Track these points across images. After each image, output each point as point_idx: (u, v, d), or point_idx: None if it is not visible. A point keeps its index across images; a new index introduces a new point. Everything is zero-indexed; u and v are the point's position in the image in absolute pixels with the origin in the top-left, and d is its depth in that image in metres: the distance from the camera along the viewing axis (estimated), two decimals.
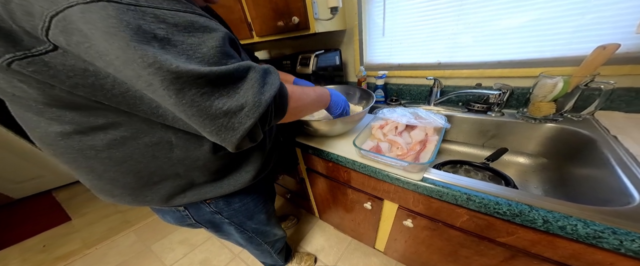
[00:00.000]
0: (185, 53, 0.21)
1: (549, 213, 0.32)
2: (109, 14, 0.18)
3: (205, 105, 0.22)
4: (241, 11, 0.78)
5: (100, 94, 0.23)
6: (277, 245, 0.70)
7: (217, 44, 0.23)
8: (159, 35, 0.20)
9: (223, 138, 0.24)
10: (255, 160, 0.41)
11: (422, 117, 0.56)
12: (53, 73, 0.20)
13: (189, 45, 0.21)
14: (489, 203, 0.36)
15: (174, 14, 0.21)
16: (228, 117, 0.23)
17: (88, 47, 0.19)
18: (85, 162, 0.28)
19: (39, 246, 1.19)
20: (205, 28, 0.23)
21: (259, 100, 0.25)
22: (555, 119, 0.54)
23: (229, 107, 0.23)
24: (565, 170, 0.51)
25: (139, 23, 0.19)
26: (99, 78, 0.21)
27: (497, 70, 0.63)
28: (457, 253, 0.53)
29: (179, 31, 0.21)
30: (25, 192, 1.57)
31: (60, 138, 0.26)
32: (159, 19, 0.20)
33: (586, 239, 0.30)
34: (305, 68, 0.79)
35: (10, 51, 0.19)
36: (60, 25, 0.18)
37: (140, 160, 0.29)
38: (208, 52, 0.22)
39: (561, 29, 0.52)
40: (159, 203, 0.35)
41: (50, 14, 0.18)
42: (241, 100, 0.24)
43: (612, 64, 0.48)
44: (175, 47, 0.20)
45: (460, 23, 0.64)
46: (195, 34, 0.22)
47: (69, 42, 0.19)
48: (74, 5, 0.17)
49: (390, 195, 0.54)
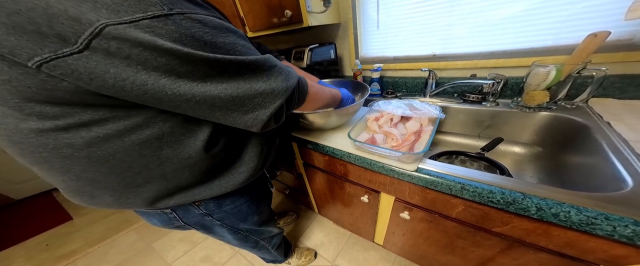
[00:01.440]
0: (228, 53, 0.25)
1: (542, 201, 0.32)
2: (171, 29, 0.21)
3: (247, 86, 0.27)
4: (233, 6, 0.78)
5: (123, 94, 0.23)
6: (274, 241, 0.70)
7: (244, 41, 0.27)
8: (207, 40, 0.23)
9: (256, 115, 0.29)
10: (250, 161, 0.40)
11: (417, 108, 0.56)
12: (77, 75, 0.21)
13: (228, 44, 0.25)
14: (482, 192, 0.36)
15: (210, 19, 0.24)
16: (262, 97, 0.28)
17: (142, 50, 0.20)
18: (60, 161, 0.26)
19: (42, 245, 1.21)
20: (229, 28, 0.26)
21: (286, 85, 0.30)
22: (549, 107, 0.54)
23: (264, 89, 0.28)
24: (560, 158, 0.51)
25: (192, 32, 0.22)
26: (118, 81, 0.22)
27: (491, 60, 0.63)
28: (454, 244, 0.53)
29: (218, 33, 0.24)
30: (25, 193, 1.58)
31: (33, 136, 0.24)
32: (203, 23, 0.23)
33: (580, 226, 0.30)
34: (300, 63, 0.79)
35: (38, 53, 0.19)
36: (114, 33, 0.19)
37: (125, 159, 0.28)
38: (242, 49, 0.26)
39: (552, 19, 0.52)
40: (143, 206, 0.33)
41: (108, 23, 0.19)
42: (273, 84, 0.29)
43: (604, 52, 0.48)
44: (220, 49, 0.24)
45: (453, 14, 0.63)
46: (228, 35, 0.26)
47: (120, 46, 0.20)
48: (140, 20, 0.20)
49: (386, 187, 0.55)
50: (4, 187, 1.49)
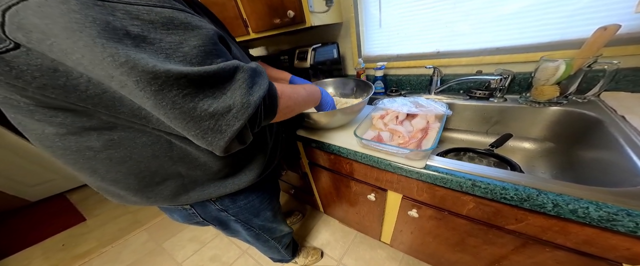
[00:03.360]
0: (164, 52, 0.19)
1: (559, 197, 0.31)
2: (71, 9, 0.16)
3: (189, 106, 0.21)
4: (235, 8, 0.79)
5: (74, 96, 0.21)
6: (284, 241, 0.71)
7: (200, 42, 0.21)
8: (133, 32, 0.18)
9: (210, 141, 0.23)
10: (259, 159, 0.41)
11: (423, 105, 0.55)
12: (16, 73, 0.18)
13: (168, 43, 0.20)
14: (495, 189, 0.36)
15: (149, 10, 0.19)
16: (214, 119, 0.22)
17: (51, 45, 0.17)
18: (86, 162, 0.27)
19: (59, 246, 1.25)
20: (186, 25, 0.21)
21: (248, 101, 0.24)
22: (560, 102, 0.53)
23: (215, 108, 0.22)
24: (573, 153, 0.50)
25: (107, 19, 0.17)
26: (71, 79, 0.19)
27: (497, 56, 0.62)
28: (465, 242, 0.53)
29: (156, 28, 0.19)
30: (40, 195, 1.63)
31: (57, 140, 0.25)
32: (132, 15, 0.18)
33: (600, 222, 0.29)
34: (303, 63, 0.79)
35: None
36: (15, 21, 0.16)
37: (140, 160, 0.29)
38: (190, 51, 0.21)
39: (559, 13, 0.51)
40: (164, 203, 0.35)
41: (2, 8, 0.16)
42: (228, 101, 0.23)
43: (615, 45, 0.47)
44: (151, 45, 0.19)
45: (456, 11, 0.63)
46: (175, 32, 0.20)
47: (29, 39, 0.17)
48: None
49: (393, 185, 0.54)
50: (20, 190, 1.54)
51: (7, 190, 1.50)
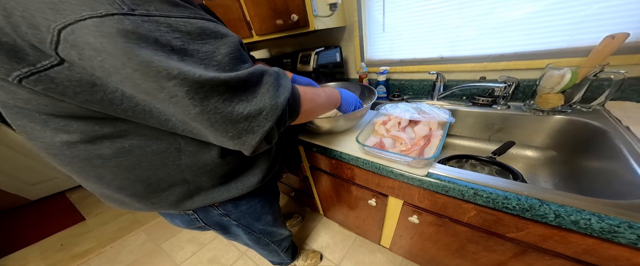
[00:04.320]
0: (203, 62, 0.21)
1: (561, 208, 0.31)
2: (127, 29, 0.17)
3: (227, 111, 0.23)
4: (239, 10, 0.79)
5: (111, 109, 0.22)
6: (283, 244, 0.71)
7: (229, 50, 0.23)
8: (176, 46, 0.20)
9: (243, 141, 0.25)
10: (262, 163, 0.41)
11: (426, 111, 0.55)
12: (61, 89, 0.20)
13: (204, 53, 0.21)
14: (497, 198, 0.36)
15: (186, 22, 0.21)
16: (248, 121, 0.24)
17: (102, 61, 0.18)
18: (93, 170, 0.27)
19: (57, 245, 1.24)
20: (216, 34, 0.23)
21: (276, 103, 0.26)
22: (564, 111, 0.53)
23: (249, 111, 0.24)
24: (576, 163, 0.50)
25: (155, 36, 0.19)
26: (107, 93, 0.21)
27: (502, 63, 0.61)
28: (465, 248, 0.53)
29: (193, 39, 0.21)
30: (40, 194, 1.63)
31: (66, 148, 0.25)
32: (172, 28, 0.20)
33: (601, 234, 0.29)
34: (306, 66, 0.79)
35: (17, 68, 0.18)
36: (70, 39, 0.17)
37: (149, 168, 0.29)
38: (222, 59, 0.23)
39: (567, 20, 0.50)
40: (168, 208, 0.35)
41: (58, 27, 0.17)
42: (259, 104, 0.25)
43: (621, 54, 0.47)
44: (192, 57, 0.21)
45: (461, 16, 0.62)
46: (208, 41, 0.22)
47: (81, 56, 0.18)
48: (86, 18, 0.16)
49: (394, 191, 0.54)
50: (20, 188, 1.54)
51: (8, 189, 1.50)
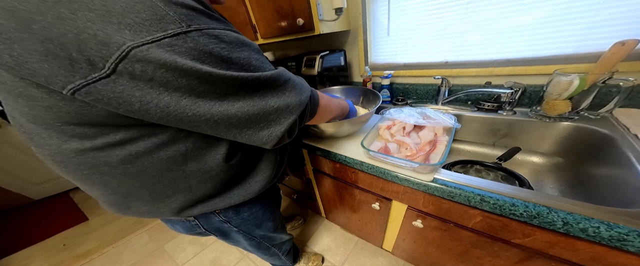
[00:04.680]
0: (243, 68, 0.25)
1: (569, 215, 0.31)
2: (190, 46, 0.20)
3: (262, 104, 0.27)
4: (246, 13, 0.79)
5: (148, 117, 0.23)
6: (284, 247, 0.71)
7: (259, 55, 0.27)
8: (224, 55, 0.23)
9: (271, 132, 0.28)
10: (265, 170, 0.41)
11: (431, 116, 0.55)
12: (107, 101, 0.21)
13: (243, 59, 0.25)
14: (504, 205, 0.36)
15: (226, 33, 0.24)
16: (277, 114, 0.28)
17: (164, 72, 0.20)
18: (99, 177, 0.28)
19: (60, 245, 1.25)
20: (244, 42, 0.26)
21: (300, 99, 0.30)
22: (571, 117, 0.53)
23: (278, 105, 0.28)
24: (583, 170, 0.50)
25: (210, 48, 0.22)
26: (143, 104, 0.22)
27: (507, 68, 0.61)
28: (469, 253, 0.52)
29: (233, 48, 0.24)
30: (44, 193, 1.64)
31: (74, 156, 0.25)
32: (219, 39, 0.23)
33: (610, 242, 0.29)
34: (311, 70, 0.79)
35: (71, 81, 0.19)
36: (139, 55, 0.19)
37: (154, 174, 0.29)
38: (255, 63, 0.26)
39: (575, 25, 0.50)
40: (171, 215, 0.35)
41: (133, 45, 0.18)
42: (287, 100, 0.29)
43: (631, 61, 0.46)
44: (235, 64, 0.24)
45: (467, 21, 0.62)
46: (243, 49, 0.25)
47: (144, 68, 0.20)
48: (161, 39, 0.19)
49: (399, 196, 0.54)
50: (24, 188, 1.55)
51: (12, 188, 1.51)
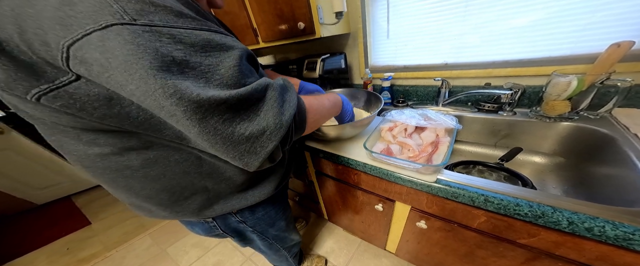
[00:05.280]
0: (204, 76, 0.20)
1: (574, 215, 0.31)
2: (126, 39, 0.16)
3: (228, 132, 0.21)
4: (247, 17, 0.80)
5: (128, 123, 0.22)
6: (293, 250, 0.72)
7: (234, 63, 0.22)
8: (177, 57, 0.18)
9: (245, 162, 0.24)
10: (277, 171, 0.42)
11: (432, 118, 0.56)
12: (80, 105, 0.19)
13: (206, 66, 0.20)
14: (508, 205, 0.36)
15: (190, 33, 0.20)
16: (250, 143, 0.23)
17: (108, 77, 0.17)
18: (124, 181, 0.29)
19: (63, 250, 1.25)
20: (221, 46, 0.21)
21: (280, 121, 0.24)
22: (571, 118, 0.53)
23: (250, 131, 0.22)
24: (585, 170, 0.50)
25: (156, 46, 0.17)
26: (124, 107, 0.21)
27: (507, 69, 0.62)
28: (474, 254, 0.52)
29: (196, 51, 0.20)
30: (46, 198, 1.65)
31: (99, 160, 0.26)
32: (176, 40, 0.19)
33: (616, 241, 0.29)
34: (312, 73, 0.80)
35: (35, 85, 0.18)
36: (79, 55, 0.16)
37: (173, 177, 0.30)
38: (226, 73, 0.21)
39: (571, 27, 0.51)
40: (190, 216, 0.36)
41: (67, 43, 0.16)
42: (262, 123, 0.23)
43: (627, 61, 0.47)
44: (193, 70, 0.19)
45: (466, 23, 0.63)
46: (212, 54, 0.21)
47: (90, 72, 0.17)
48: (91, 32, 0.16)
49: (402, 197, 0.54)
50: (27, 193, 1.56)
51: (15, 193, 1.52)
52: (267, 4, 0.72)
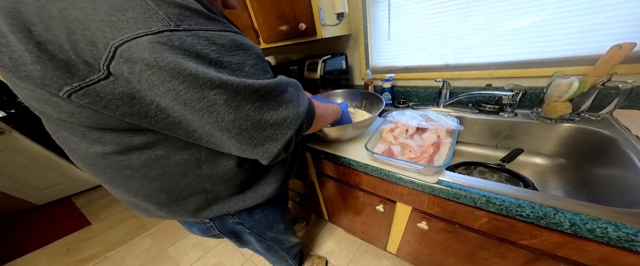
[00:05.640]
0: (234, 73, 0.23)
1: (576, 216, 0.32)
2: (174, 45, 0.19)
3: (257, 118, 0.24)
4: (248, 18, 0.81)
5: (146, 121, 0.23)
6: (292, 251, 0.72)
7: (255, 61, 0.25)
8: (213, 58, 0.21)
9: (266, 148, 0.26)
10: (277, 173, 0.42)
11: (433, 119, 0.56)
12: (105, 103, 0.21)
13: (235, 64, 0.23)
14: (510, 206, 0.36)
15: (220, 35, 0.22)
16: (273, 129, 0.25)
17: (150, 75, 0.19)
18: (123, 180, 0.29)
19: (63, 250, 1.25)
20: (243, 46, 0.24)
21: (297, 112, 0.27)
22: (572, 119, 0.53)
23: (275, 119, 0.25)
24: (586, 171, 0.50)
25: (198, 49, 0.20)
26: (144, 106, 0.22)
27: (508, 70, 0.62)
28: (475, 255, 0.52)
29: (227, 51, 0.22)
30: (46, 198, 1.64)
31: (100, 159, 0.27)
32: (210, 41, 0.21)
33: (618, 242, 0.29)
34: (313, 74, 0.80)
35: (68, 83, 0.19)
36: (125, 55, 0.18)
37: (172, 178, 0.30)
38: (250, 70, 0.24)
39: (573, 29, 0.51)
40: (187, 217, 0.36)
41: (115, 44, 0.18)
42: (284, 112, 0.26)
43: (629, 63, 0.47)
44: (226, 69, 0.22)
45: (467, 25, 0.64)
46: (237, 53, 0.23)
47: (132, 70, 0.19)
48: (142, 36, 0.18)
49: (403, 198, 0.54)
50: (27, 193, 1.56)
51: (15, 193, 1.52)
52: (269, 5, 0.72)
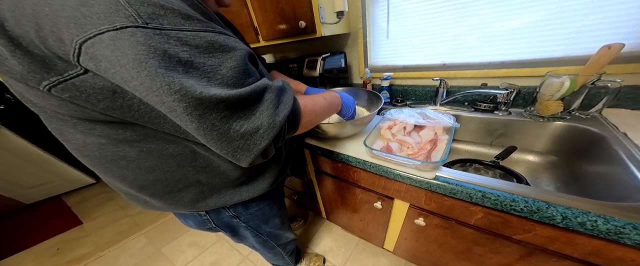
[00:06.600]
0: (206, 75, 0.21)
1: (568, 210, 0.33)
2: (138, 41, 0.18)
3: (224, 128, 0.23)
4: (248, 16, 0.80)
5: (129, 115, 0.24)
6: (288, 247, 0.71)
7: (235, 64, 0.23)
8: (183, 58, 0.20)
9: (238, 158, 0.25)
10: (273, 168, 0.42)
11: (430, 117, 0.57)
12: (85, 97, 0.21)
13: (209, 66, 0.21)
14: (505, 201, 0.37)
15: (195, 35, 0.21)
16: (244, 139, 0.24)
17: (114, 73, 0.19)
18: (119, 171, 0.29)
19: (53, 250, 1.21)
20: (224, 47, 0.23)
21: (274, 121, 0.25)
22: (563, 117, 0.55)
23: (245, 129, 0.24)
24: (577, 168, 0.52)
25: (165, 48, 0.19)
26: (126, 100, 0.22)
27: (502, 70, 0.64)
28: (471, 251, 0.53)
29: (200, 53, 0.21)
30: (35, 197, 1.59)
31: (96, 149, 0.27)
32: (182, 42, 0.20)
33: (607, 235, 0.30)
34: (312, 72, 0.81)
35: (46, 77, 0.19)
36: (89, 52, 0.18)
37: (167, 169, 0.30)
38: (227, 73, 0.22)
39: (565, 29, 0.53)
40: (183, 209, 0.36)
41: (79, 41, 0.17)
42: (257, 122, 0.24)
43: (617, 63, 0.49)
44: (197, 70, 0.21)
45: (463, 25, 0.65)
46: (215, 55, 0.22)
47: (98, 68, 0.19)
48: (104, 32, 0.17)
49: (401, 194, 0.55)
50: (15, 192, 1.50)
51: (2, 192, 1.47)
52: (269, 3, 0.72)
